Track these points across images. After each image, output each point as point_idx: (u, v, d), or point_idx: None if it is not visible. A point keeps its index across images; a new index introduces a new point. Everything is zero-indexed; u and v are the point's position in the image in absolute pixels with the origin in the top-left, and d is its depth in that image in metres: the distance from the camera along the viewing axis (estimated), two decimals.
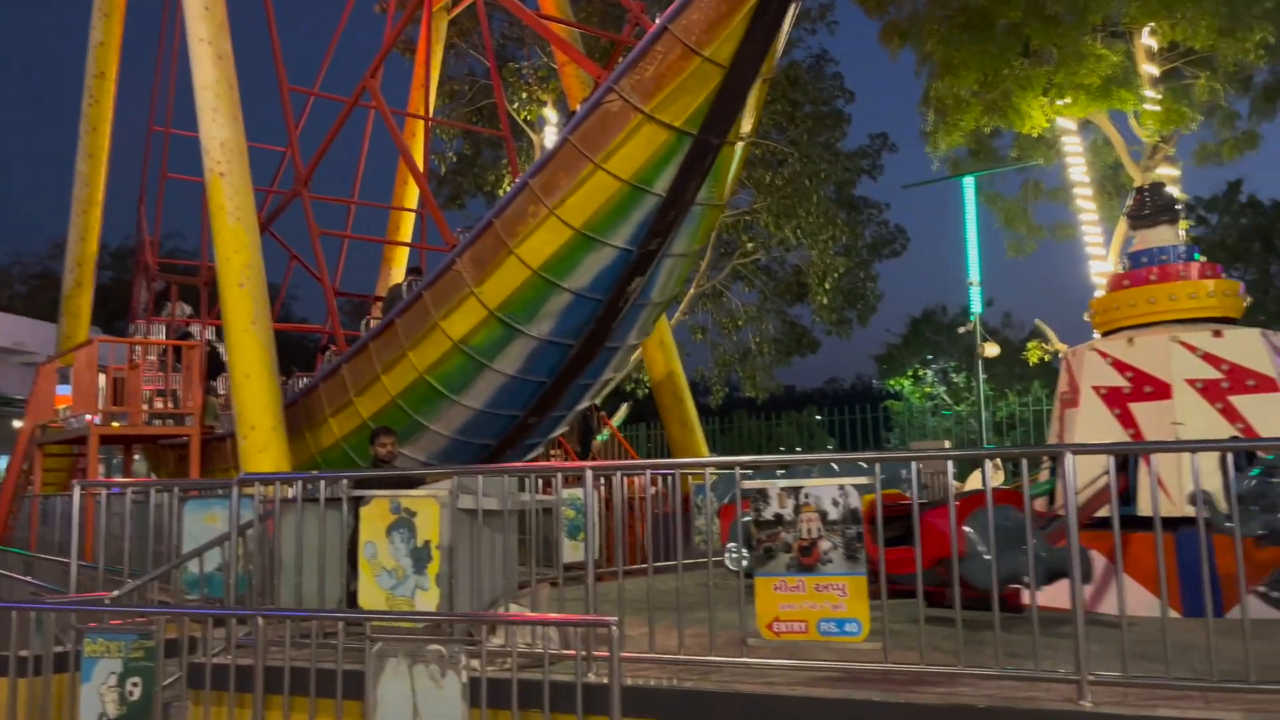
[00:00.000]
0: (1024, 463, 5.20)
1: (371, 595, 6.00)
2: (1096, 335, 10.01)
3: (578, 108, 11.15)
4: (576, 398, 11.98)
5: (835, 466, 6.30)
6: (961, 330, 25.68)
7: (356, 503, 6.22)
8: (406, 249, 18.03)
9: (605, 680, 4.87)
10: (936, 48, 19.60)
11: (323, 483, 6.51)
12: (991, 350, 22.99)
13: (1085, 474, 7.11)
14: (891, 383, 36.82)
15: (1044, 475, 10.22)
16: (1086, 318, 10.41)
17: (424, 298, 11.03)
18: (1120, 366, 8.99)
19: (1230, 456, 5.08)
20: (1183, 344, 8.66)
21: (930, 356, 37.40)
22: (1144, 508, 7.73)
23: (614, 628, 4.81)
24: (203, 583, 7.19)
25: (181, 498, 7.77)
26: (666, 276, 10.85)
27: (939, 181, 23.46)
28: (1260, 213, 35.03)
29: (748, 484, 5.56)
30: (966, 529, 6.76)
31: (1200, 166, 22.54)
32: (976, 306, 23.19)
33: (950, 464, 7.91)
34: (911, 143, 23.55)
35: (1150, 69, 19.65)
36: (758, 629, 5.35)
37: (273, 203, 16.33)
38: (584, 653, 5.16)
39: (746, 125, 9.90)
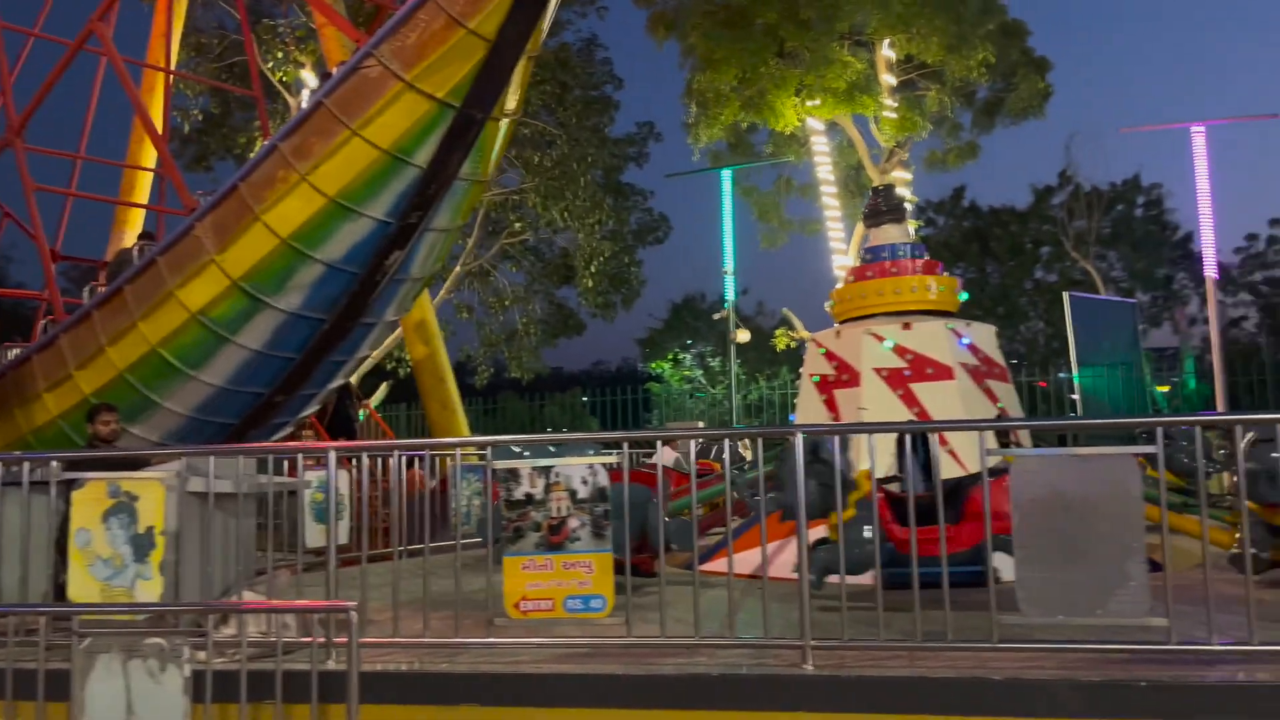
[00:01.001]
0: (760, 441, 5.49)
1: (84, 587, 5.49)
2: (836, 325, 10.74)
3: (335, 71, 10.64)
4: (329, 375, 11.49)
5: (552, 449, 6.34)
6: (717, 317, 26.68)
7: (68, 486, 5.67)
8: (142, 212, 16.58)
9: (344, 667, 4.69)
10: (699, 42, 20.23)
11: (27, 464, 5.88)
12: (743, 336, 24.03)
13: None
14: (653, 366, 37.84)
15: None
16: (827, 308, 11.14)
17: (158, 264, 10.21)
18: (829, 356, 9.76)
19: (909, 438, 5.36)
20: (874, 335, 9.46)
21: (690, 341, 38.72)
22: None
23: (353, 612, 4.65)
24: None
25: None
26: (427, 251, 10.59)
27: (700, 173, 24.25)
28: (979, 217, 38.89)
29: (499, 464, 5.54)
30: None
31: (930, 172, 24.65)
32: (731, 294, 24.16)
33: (694, 442, 8.17)
34: (676, 133, 24.22)
35: (889, 78, 21.22)
36: (505, 609, 5.34)
37: None
38: (322, 639, 4.96)
39: (511, 102, 9.84)
